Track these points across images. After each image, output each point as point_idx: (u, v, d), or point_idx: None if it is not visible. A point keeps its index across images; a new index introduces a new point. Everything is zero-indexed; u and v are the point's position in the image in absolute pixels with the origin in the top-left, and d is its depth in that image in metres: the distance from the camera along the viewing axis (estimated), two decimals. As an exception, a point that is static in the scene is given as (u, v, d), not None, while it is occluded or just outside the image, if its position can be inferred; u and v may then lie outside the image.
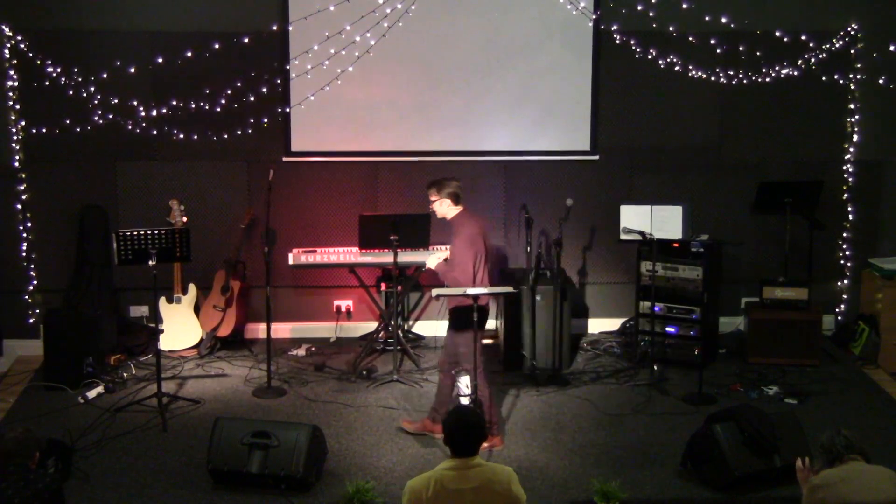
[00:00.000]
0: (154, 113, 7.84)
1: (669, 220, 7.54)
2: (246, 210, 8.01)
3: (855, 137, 8.24)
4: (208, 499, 5.64)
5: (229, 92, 7.77)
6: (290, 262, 7.78)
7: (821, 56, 8.02)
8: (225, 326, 7.94)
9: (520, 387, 7.27)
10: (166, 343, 7.80)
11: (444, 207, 6.25)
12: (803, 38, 7.99)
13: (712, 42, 7.93)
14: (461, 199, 6.27)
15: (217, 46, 7.67)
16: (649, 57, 7.93)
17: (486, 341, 8.10)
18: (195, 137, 7.89)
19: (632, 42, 7.92)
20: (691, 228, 7.62)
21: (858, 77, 8.11)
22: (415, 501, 4.24)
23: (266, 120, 7.89)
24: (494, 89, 8.06)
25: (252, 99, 7.79)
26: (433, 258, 6.32)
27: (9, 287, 8.00)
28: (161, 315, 7.72)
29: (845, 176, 8.30)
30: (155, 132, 7.88)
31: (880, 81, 8.04)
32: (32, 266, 8.01)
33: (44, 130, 7.80)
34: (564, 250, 7.61)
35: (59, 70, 7.70)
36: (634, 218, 7.53)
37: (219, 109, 7.79)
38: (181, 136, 7.89)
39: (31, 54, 7.69)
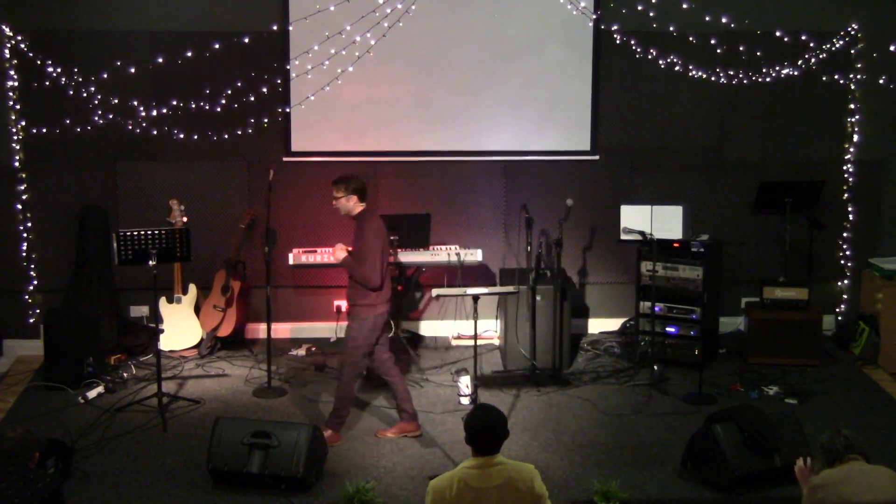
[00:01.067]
0: (154, 113, 7.84)
1: (669, 220, 7.53)
2: (246, 210, 8.01)
3: (855, 137, 8.24)
4: (208, 499, 5.64)
5: (229, 92, 7.77)
6: (290, 262, 7.78)
7: (821, 56, 8.02)
8: (225, 326, 7.94)
9: (520, 387, 7.27)
10: (166, 343, 7.79)
11: (351, 204, 6.22)
12: (803, 38, 7.99)
13: (712, 42, 7.93)
14: (366, 197, 6.28)
15: (217, 46, 7.67)
16: (649, 57, 7.93)
17: (484, 341, 8.13)
18: (195, 137, 7.89)
19: (632, 42, 7.92)
20: (691, 228, 7.62)
21: (858, 77, 8.11)
22: (438, 501, 4.24)
23: (266, 120, 7.89)
24: (494, 89, 8.06)
25: (252, 99, 7.79)
26: (339, 252, 6.26)
27: (9, 287, 8.00)
28: (161, 315, 7.72)
29: (845, 176, 8.30)
30: (155, 132, 7.88)
31: (880, 81, 8.04)
32: (32, 266, 8.01)
33: (44, 130, 7.80)
34: (564, 250, 7.61)
35: (59, 70, 7.70)
36: (634, 218, 7.53)
37: (219, 109, 7.79)
38: (181, 136, 7.89)
39: (31, 54, 7.69)
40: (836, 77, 8.08)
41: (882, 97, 8.11)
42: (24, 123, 7.83)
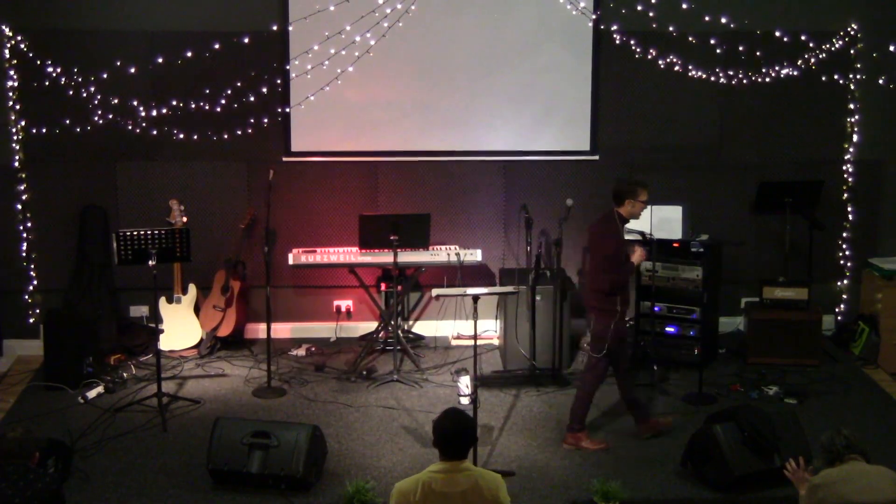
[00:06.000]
0: (154, 113, 7.83)
1: (669, 220, 7.54)
2: (246, 210, 8.01)
3: (855, 137, 8.24)
4: (208, 499, 5.64)
5: (229, 92, 7.76)
6: (290, 262, 7.79)
7: (821, 56, 8.02)
8: (225, 326, 7.94)
9: (519, 387, 7.27)
10: (166, 343, 7.79)
11: None
12: (803, 38, 7.99)
13: (712, 42, 7.92)
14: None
15: (217, 46, 7.67)
16: (649, 57, 7.93)
17: (484, 341, 8.13)
18: (195, 137, 7.89)
19: (632, 42, 7.92)
20: (691, 228, 7.62)
21: (858, 77, 8.11)
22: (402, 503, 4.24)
23: (266, 120, 7.89)
24: (494, 89, 8.06)
25: (252, 99, 7.79)
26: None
27: (9, 287, 8.00)
28: (161, 315, 7.72)
29: (845, 176, 8.30)
30: (155, 132, 7.88)
31: (880, 81, 8.04)
32: (32, 266, 8.01)
33: (44, 130, 7.80)
34: (564, 250, 7.61)
35: (59, 70, 7.69)
36: (634, 218, 7.53)
37: (219, 109, 7.79)
38: (181, 136, 7.89)
39: (31, 54, 7.68)
40: (835, 77, 8.08)
41: (882, 97, 8.11)
42: (24, 123, 7.82)
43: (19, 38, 7.69)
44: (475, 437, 4.39)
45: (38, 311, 8.02)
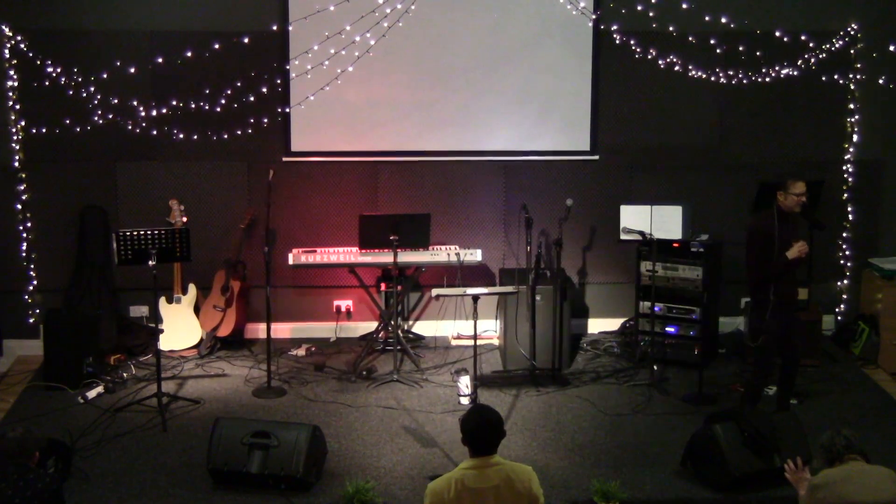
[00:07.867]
0: (154, 113, 7.83)
1: (669, 220, 7.53)
2: (246, 210, 8.01)
3: (855, 137, 8.24)
4: (208, 499, 5.65)
5: (229, 92, 7.77)
6: (290, 262, 7.79)
7: (821, 56, 8.02)
8: (225, 326, 7.94)
9: (519, 387, 7.27)
10: (166, 343, 7.79)
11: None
12: (803, 38, 7.99)
13: (712, 42, 7.92)
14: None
15: (217, 46, 7.67)
16: (649, 57, 7.93)
17: (484, 341, 8.13)
18: (195, 137, 7.89)
19: (632, 42, 7.92)
20: (691, 228, 7.62)
21: (858, 77, 8.11)
22: (437, 503, 4.25)
23: (266, 120, 7.89)
24: (494, 89, 8.06)
25: (252, 99, 7.79)
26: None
27: (9, 287, 8.00)
28: (161, 315, 7.72)
29: (845, 176, 8.30)
30: (155, 132, 7.88)
31: (880, 81, 8.04)
32: (32, 266, 8.01)
33: (44, 130, 7.80)
34: (564, 250, 7.60)
35: (59, 70, 7.70)
36: (634, 218, 7.53)
37: (219, 109, 7.79)
38: (181, 136, 7.89)
39: (31, 54, 7.68)
40: (835, 77, 8.08)
41: (882, 97, 8.11)
42: (23, 123, 7.82)
43: (19, 38, 7.69)
44: (503, 431, 4.39)
45: (38, 311, 8.02)
